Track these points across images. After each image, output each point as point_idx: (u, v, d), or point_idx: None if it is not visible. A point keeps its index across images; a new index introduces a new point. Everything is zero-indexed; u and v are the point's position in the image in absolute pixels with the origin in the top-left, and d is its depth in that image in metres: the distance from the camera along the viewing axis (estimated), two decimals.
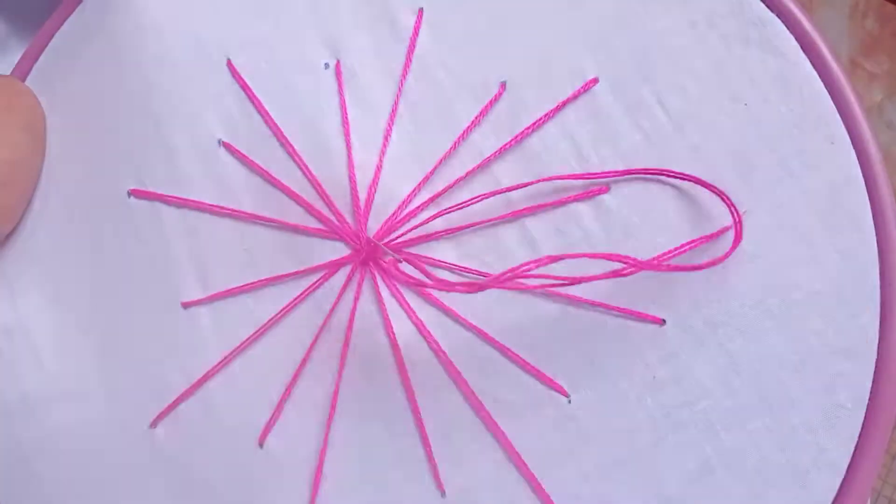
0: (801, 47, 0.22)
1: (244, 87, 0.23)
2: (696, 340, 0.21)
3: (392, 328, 0.22)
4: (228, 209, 0.22)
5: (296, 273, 0.22)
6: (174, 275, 0.22)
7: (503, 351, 0.21)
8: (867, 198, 0.21)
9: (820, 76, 0.22)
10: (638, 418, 0.21)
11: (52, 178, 0.23)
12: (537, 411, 0.21)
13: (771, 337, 0.21)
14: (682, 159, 0.22)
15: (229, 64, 0.23)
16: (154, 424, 0.22)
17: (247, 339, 0.22)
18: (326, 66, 0.23)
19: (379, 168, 0.22)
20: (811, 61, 0.22)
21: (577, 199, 0.22)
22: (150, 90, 0.23)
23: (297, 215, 0.22)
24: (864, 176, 0.21)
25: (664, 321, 0.21)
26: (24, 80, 0.24)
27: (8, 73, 0.24)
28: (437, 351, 0.21)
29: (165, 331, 0.22)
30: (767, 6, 0.23)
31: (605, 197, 0.22)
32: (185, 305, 0.22)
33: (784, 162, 0.22)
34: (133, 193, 0.22)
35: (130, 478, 0.22)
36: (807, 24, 0.23)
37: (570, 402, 0.21)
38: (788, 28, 0.23)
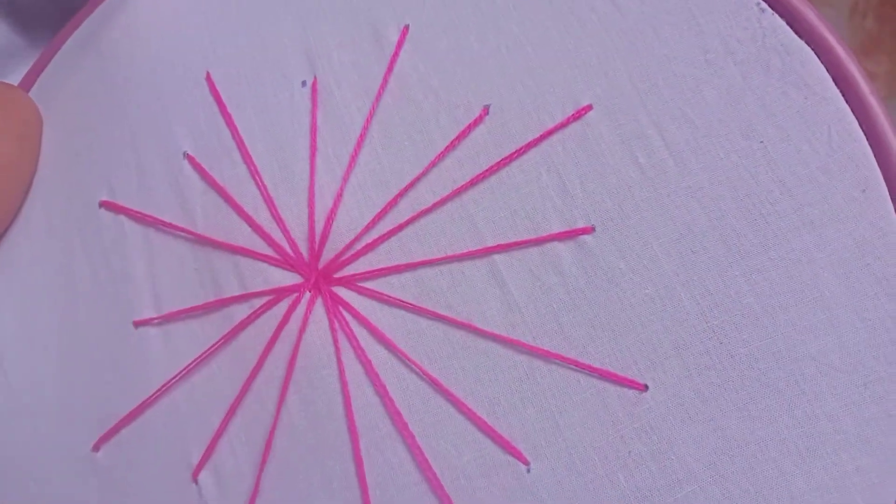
0: (834, 79, 0.19)
1: (217, 101, 0.22)
2: (684, 413, 0.18)
3: (343, 368, 0.19)
4: (180, 227, 0.21)
5: (238, 298, 0.20)
6: (130, 293, 0.21)
7: (457, 405, 0.19)
8: None
9: (854, 113, 0.19)
10: (607, 498, 0.18)
11: (40, 188, 0.23)
12: (491, 479, 0.18)
13: (775, 417, 0.18)
14: (680, 200, 0.19)
15: (207, 76, 0.22)
16: (97, 448, 0.21)
17: (185, 367, 0.20)
18: (304, 83, 0.21)
19: (340, 194, 0.20)
20: (844, 96, 0.19)
21: (556, 237, 0.19)
22: (132, 100, 0.22)
23: (247, 237, 0.21)
24: None
25: (646, 386, 0.18)
26: (28, 89, 0.24)
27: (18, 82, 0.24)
28: (385, 397, 0.19)
29: (117, 351, 0.21)
30: (796, 32, 0.20)
31: (587, 238, 0.19)
32: (137, 324, 0.21)
33: (802, 210, 0.18)
34: (103, 205, 0.22)
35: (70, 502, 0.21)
36: (842, 54, 0.19)
37: (529, 471, 0.18)
38: (819, 57, 0.19)
